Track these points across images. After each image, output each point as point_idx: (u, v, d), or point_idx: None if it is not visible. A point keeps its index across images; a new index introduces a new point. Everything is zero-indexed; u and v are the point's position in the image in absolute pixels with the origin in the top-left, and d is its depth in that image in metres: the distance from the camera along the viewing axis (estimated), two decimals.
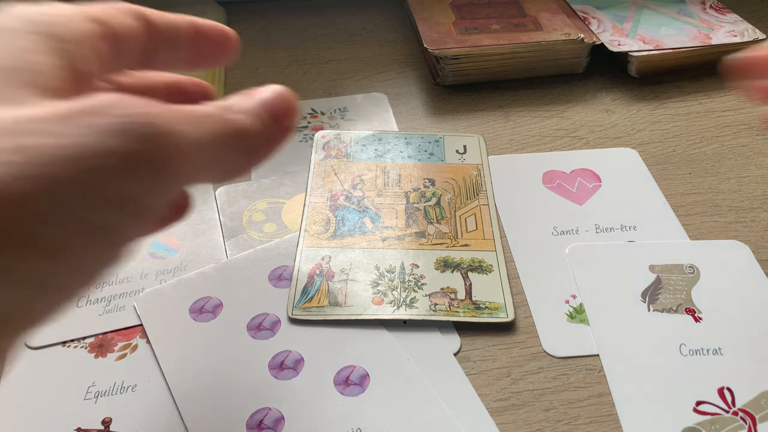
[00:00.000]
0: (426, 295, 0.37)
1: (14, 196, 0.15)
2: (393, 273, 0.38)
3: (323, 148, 0.47)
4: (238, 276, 0.39)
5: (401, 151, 0.47)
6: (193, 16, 0.25)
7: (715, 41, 0.57)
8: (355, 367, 0.35)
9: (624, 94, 0.56)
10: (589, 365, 0.35)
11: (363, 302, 0.37)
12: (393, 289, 0.37)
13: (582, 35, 0.56)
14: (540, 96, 0.56)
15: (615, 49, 0.56)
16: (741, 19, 0.60)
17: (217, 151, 0.19)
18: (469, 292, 0.38)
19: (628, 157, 0.50)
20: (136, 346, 0.36)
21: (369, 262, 0.39)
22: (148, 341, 0.36)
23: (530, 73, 0.57)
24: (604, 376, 0.35)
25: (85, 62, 0.19)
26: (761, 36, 0.57)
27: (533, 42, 0.56)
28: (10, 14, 0.18)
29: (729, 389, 0.34)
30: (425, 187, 0.45)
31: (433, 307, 0.37)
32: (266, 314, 0.37)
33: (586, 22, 0.59)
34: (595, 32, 0.58)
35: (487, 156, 0.48)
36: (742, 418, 0.33)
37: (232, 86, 0.57)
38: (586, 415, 0.33)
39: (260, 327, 0.37)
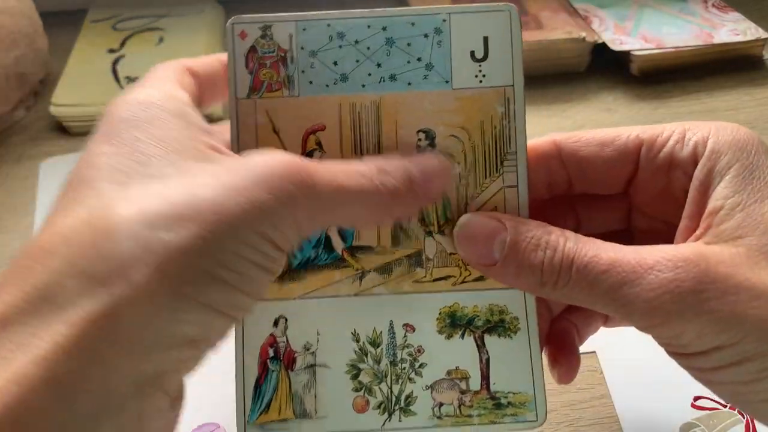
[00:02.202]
0: (427, 387, 0.26)
1: (191, 251, 0.19)
2: (379, 346, 0.26)
3: (247, 64, 0.26)
4: None
5: (378, 65, 0.27)
6: (219, 54, 0.27)
7: (717, 40, 0.57)
8: None
9: (626, 93, 0.56)
10: (590, 366, 0.35)
11: (341, 410, 0.26)
12: (380, 380, 0.26)
13: (583, 34, 0.56)
14: (541, 95, 0.56)
15: (617, 48, 0.56)
16: (743, 17, 0.60)
17: (354, 206, 0.22)
18: (486, 376, 0.26)
19: None
20: None
21: (343, 325, 0.26)
22: None
23: (531, 72, 0.57)
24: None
25: (200, 123, 0.23)
26: (763, 35, 0.57)
27: (534, 41, 0.55)
28: (144, 104, 0.23)
29: None
30: (420, 150, 0.27)
31: (437, 410, 0.26)
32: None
33: (588, 21, 0.59)
34: (596, 31, 0.58)
35: (522, 64, 0.27)
36: (739, 412, 0.33)
37: None
38: (588, 416, 0.33)
39: None
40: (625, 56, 0.56)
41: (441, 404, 0.26)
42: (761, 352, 0.21)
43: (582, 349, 0.36)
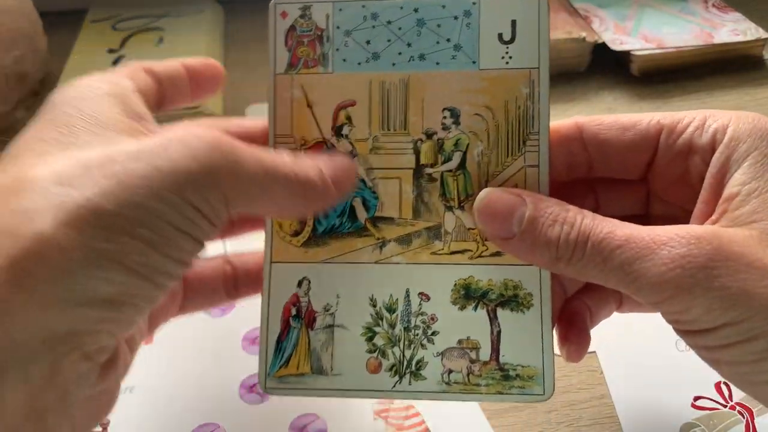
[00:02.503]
0: (438, 354, 0.27)
1: (105, 209, 0.19)
2: (394, 312, 0.27)
3: (286, 42, 0.29)
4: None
5: (409, 44, 0.28)
6: (182, 59, 0.29)
7: (717, 40, 0.57)
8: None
9: (626, 93, 0.56)
10: (590, 366, 0.35)
11: (355, 369, 0.27)
12: (393, 344, 0.27)
13: (584, 34, 0.56)
14: None
15: (617, 48, 0.56)
16: (743, 17, 0.60)
17: (275, 189, 0.23)
18: (496, 348, 0.27)
19: None
20: None
21: (362, 290, 0.28)
22: (146, 342, 0.36)
23: None
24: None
25: (138, 108, 0.24)
26: (764, 35, 0.57)
27: None
28: (81, 86, 0.24)
29: (726, 383, 0.34)
30: (444, 127, 0.28)
31: (446, 376, 0.27)
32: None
33: (588, 21, 0.59)
34: (596, 31, 0.58)
35: (548, 48, 0.28)
36: (739, 412, 0.33)
37: (231, 84, 0.56)
38: (588, 416, 0.33)
39: None
40: (625, 56, 0.56)
41: (450, 371, 0.27)
42: None
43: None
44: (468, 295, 0.27)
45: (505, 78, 0.27)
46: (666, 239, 0.22)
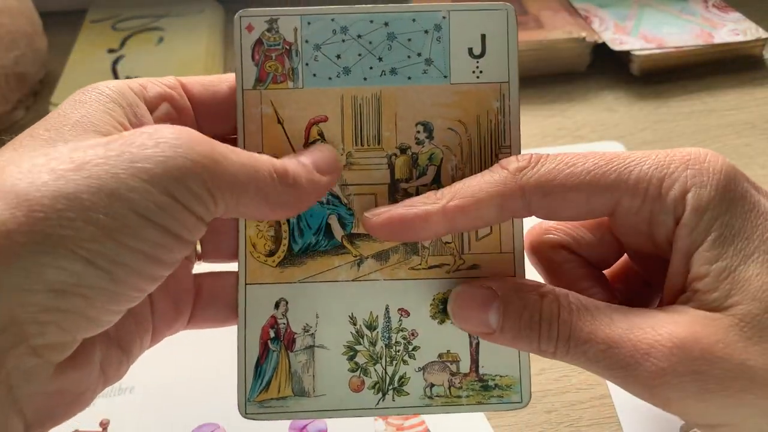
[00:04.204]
0: (419, 369, 0.27)
1: (58, 192, 0.19)
2: (375, 329, 0.27)
3: (253, 56, 0.28)
4: None
5: (380, 59, 0.28)
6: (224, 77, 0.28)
7: (717, 40, 0.57)
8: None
9: (626, 93, 0.56)
10: None
11: (337, 389, 0.27)
12: (375, 362, 0.27)
13: (584, 34, 0.56)
14: (542, 95, 0.56)
15: (617, 48, 0.56)
16: (744, 17, 0.60)
17: (261, 178, 0.23)
18: (475, 360, 0.27)
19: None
20: None
21: (341, 308, 0.27)
22: None
23: (532, 72, 0.57)
24: None
25: (146, 120, 0.24)
26: (764, 35, 0.57)
27: (534, 41, 0.55)
28: (89, 90, 0.24)
29: None
30: (418, 142, 0.28)
31: (428, 390, 0.27)
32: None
33: (588, 21, 0.59)
34: (597, 31, 0.58)
35: (517, 62, 0.28)
36: None
37: None
38: (588, 417, 0.33)
39: None
40: (625, 56, 0.56)
41: (432, 385, 0.27)
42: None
43: None
44: (447, 309, 0.27)
45: (477, 92, 0.28)
46: (647, 347, 0.22)
